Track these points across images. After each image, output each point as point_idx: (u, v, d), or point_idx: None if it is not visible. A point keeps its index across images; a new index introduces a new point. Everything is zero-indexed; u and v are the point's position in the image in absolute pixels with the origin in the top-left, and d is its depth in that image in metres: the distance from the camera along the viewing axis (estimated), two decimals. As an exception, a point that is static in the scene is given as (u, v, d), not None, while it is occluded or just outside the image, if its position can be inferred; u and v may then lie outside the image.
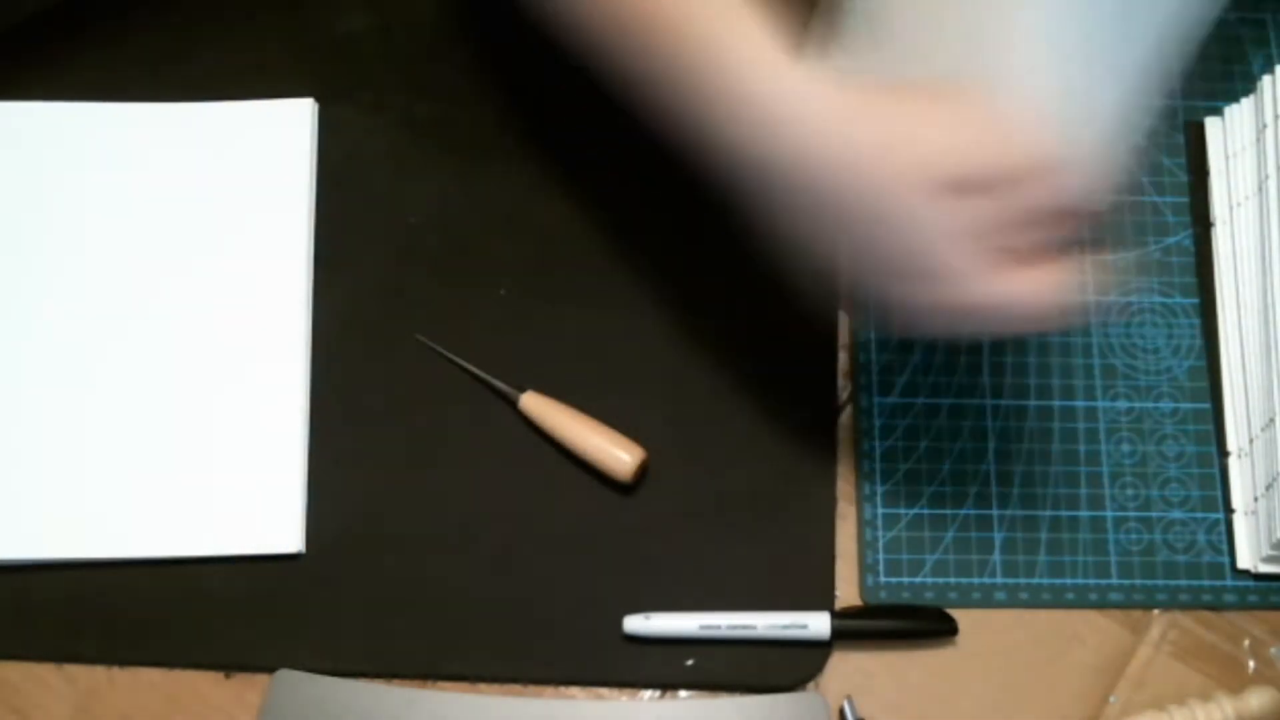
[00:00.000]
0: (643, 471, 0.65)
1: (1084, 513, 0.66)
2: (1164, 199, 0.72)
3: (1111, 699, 0.63)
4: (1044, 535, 0.66)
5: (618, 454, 0.64)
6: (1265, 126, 0.69)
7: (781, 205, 0.55)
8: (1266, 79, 0.70)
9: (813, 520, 0.66)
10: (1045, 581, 0.65)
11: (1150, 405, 0.68)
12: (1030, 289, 0.52)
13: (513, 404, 0.66)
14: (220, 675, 0.63)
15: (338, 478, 0.66)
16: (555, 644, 0.63)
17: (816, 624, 0.63)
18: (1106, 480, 0.67)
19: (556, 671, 0.63)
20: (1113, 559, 0.65)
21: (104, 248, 0.69)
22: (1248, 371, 0.67)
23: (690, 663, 0.63)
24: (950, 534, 0.66)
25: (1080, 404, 0.68)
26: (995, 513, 0.66)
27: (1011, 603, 0.65)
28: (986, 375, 0.68)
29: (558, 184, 0.70)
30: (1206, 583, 0.65)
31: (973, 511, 0.66)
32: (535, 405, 0.65)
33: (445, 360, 0.68)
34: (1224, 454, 0.67)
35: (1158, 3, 0.56)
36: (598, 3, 0.57)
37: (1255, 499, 0.65)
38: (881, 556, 0.65)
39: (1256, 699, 0.61)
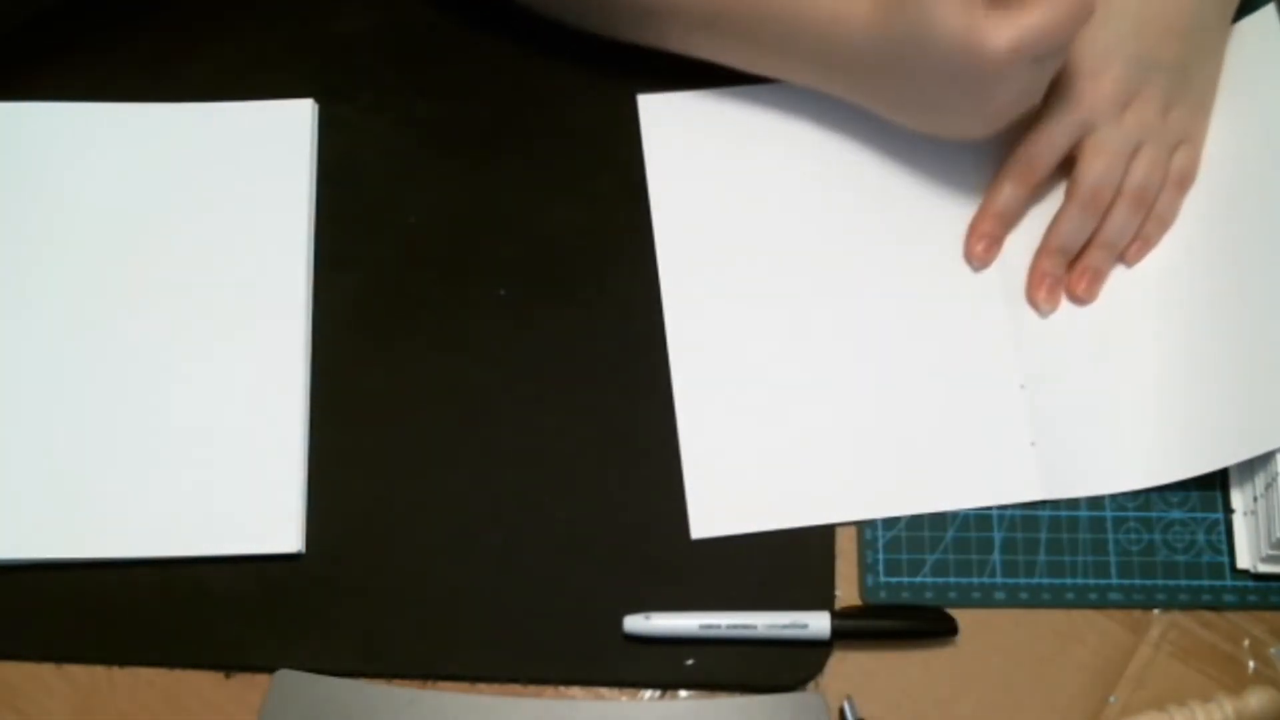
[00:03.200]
0: None
1: (1084, 513, 0.66)
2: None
3: (1111, 699, 0.63)
4: (1044, 535, 0.66)
5: None
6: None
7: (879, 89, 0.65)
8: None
9: (813, 520, 0.66)
10: (1045, 581, 0.65)
11: (1150, 405, 0.68)
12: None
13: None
14: (220, 675, 0.63)
15: (338, 478, 0.66)
16: (555, 644, 0.63)
17: (816, 624, 0.63)
18: (1106, 480, 0.67)
19: (556, 671, 0.63)
20: (1113, 559, 0.65)
21: (103, 248, 0.69)
22: (1248, 371, 0.67)
23: (690, 663, 0.63)
24: (950, 534, 0.66)
25: (1080, 404, 0.68)
26: (995, 512, 0.66)
27: (1011, 603, 0.65)
28: (986, 375, 0.68)
29: (557, 184, 0.70)
30: (1206, 583, 0.65)
31: (973, 511, 0.66)
32: None
33: (442, 361, 0.68)
34: (1224, 454, 0.67)
35: None
36: None
37: (1255, 499, 0.65)
38: (881, 556, 0.65)
39: (1256, 699, 0.61)
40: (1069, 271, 0.68)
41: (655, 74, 0.71)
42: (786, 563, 0.65)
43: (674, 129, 0.71)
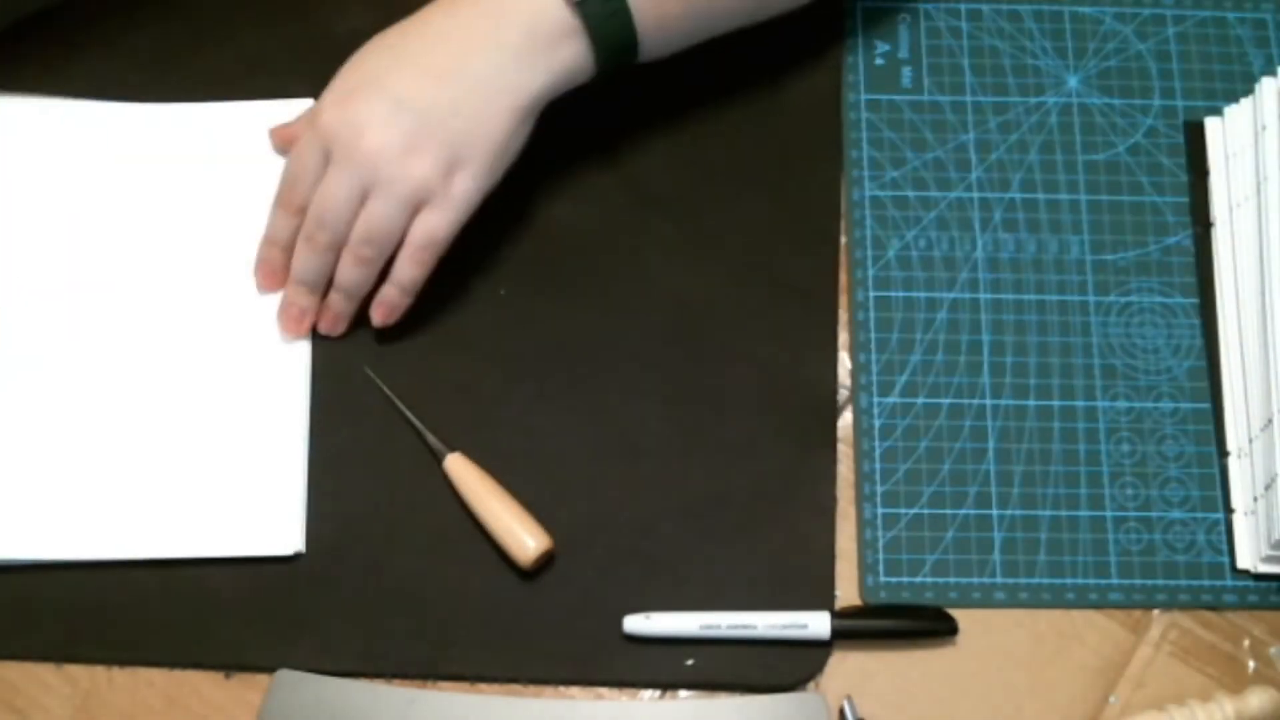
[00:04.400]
0: (548, 558, 0.64)
1: (1084, 513, 0.66)
2: (1164, 199, 0.72)
3: (1111, 699, 0.63)
4: (1044, 535, 0.66)
5: (523, 538, 0.63)
6: (1264, 128, 0.69)
7: None
8: (1265, 80, 0.70)
9: (813, 520, 0.66)
10: (1045, 581, 0.65)
11: (1150, 405, 0.68)
12: None
13: (439, 460, 0.65)
14: (220, 675, 0.63)
15: (338, 478, 0.66)
16: (555, 644, 0.63)
17: (816, 624, 0.63)
18: (1106, 480, 0.67)
19: (556, 671, 0.63)
20: (1113, 559, 0.65)
21: (104, 248, 0.69)
22: (1247, 371, 0.67)
23: (690, 663, 0.63)
24: (950, 534, 0.66)
25: (1080, 404, 0.68)
26: (995, 513, 0.66)
27: (1011, 603, 0.65)
28: (986, 375, 0.68)
29: (558, 184, 0.70)
30: (1206, 583, 0.65)
31: (973, 511, 0.66)
32: (457, 469, 0.65)
33: (442, 361, 0.68)
34: (1224, 454, 0.67)
35: None
36: None
37: (1255, 499, 0.65)
38: (881, 556, 0.65)
39: (1256, 699, 0.61)
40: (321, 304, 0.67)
41: (651, 77, 0.71)
42: (786, 563, 0.65)
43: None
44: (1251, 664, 0.64)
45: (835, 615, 0.63)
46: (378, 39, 0.65)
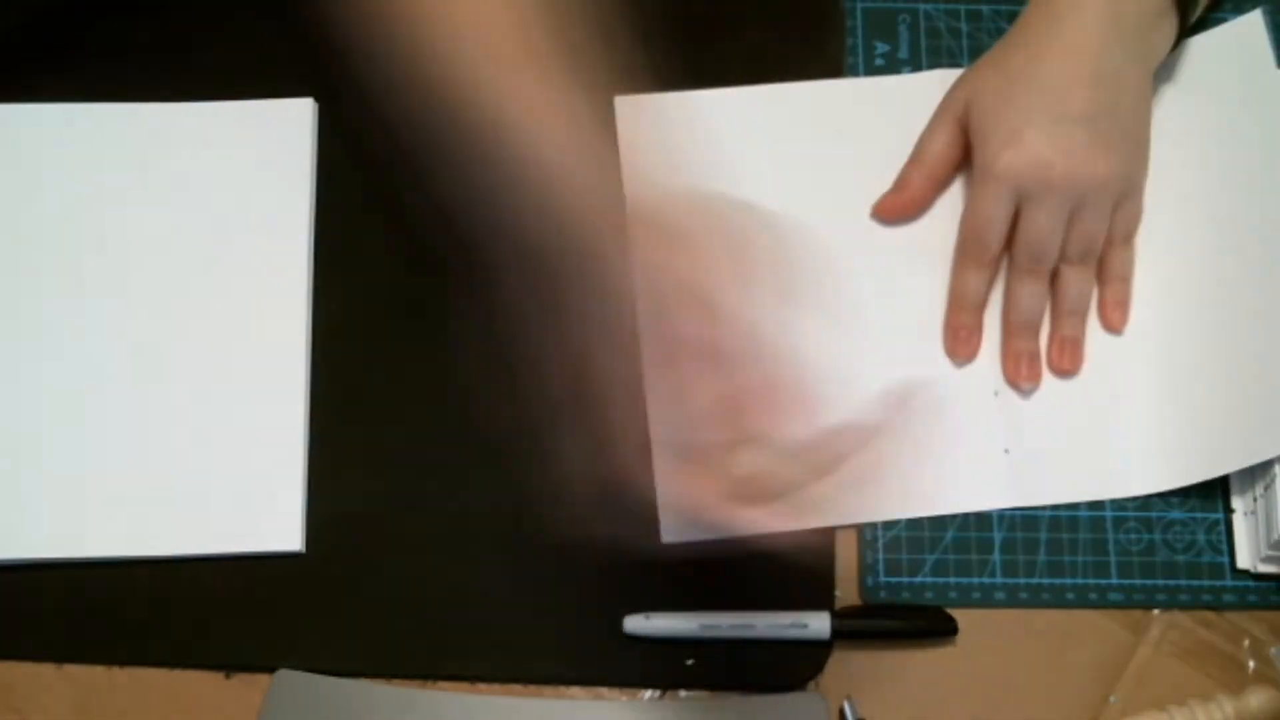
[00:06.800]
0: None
1: (1084, 513, 0.66)
2: (1164, 199, 0.72)
3: (1111, 699, 0.63)
4: (1044, 535, 0.66)
5: None
6: (1265, 127, 0.69)
7: None
8: (1266, 79, 0.70)
9: (813, 520, 0.66)
10: (1045, 581, 0.65)
11: (1150, 405, 0.68)
12: None
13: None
14: (220, 675, 0.63)
15: (338, 478, 0.66)
16: (555, 644, 0.63)
17: (816, 624, 0.63)
18: (1106, 480, 0.67)
19: (556, 671, 0.63)
20: (1112, 559, 0.65)
21: (104, 248, 0.69)
22: (1247, 371, 0.67)
23: (690, 663, 0.63)
24: (950, 534, 0.66)
25: (1080, 404, 0.68)
26: (995, 513, 0.66)
27: (1011, 603, 0.65)
28: (986, 375, 0.68)
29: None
30: (1206, 583, 0.65)
31: (973, 512, 0.66)
32: None
33: (442, 361, 0.68)
34: (1224, 454, 0.67)
35: None
36: None
37: (1255, 499, 0.65)
38: (881, 556, 0.65)
39: (1256, 699, 0.61)
40: (1049, 343, 0.67)
41: (646, 75, 0.71)
42: (786, 563, 0.65)
43: (649, 129, 0.71)
44: (1251, 664, 0.64)
45: (835, 615, 0.63)
46: (986, 73, 0.68)
